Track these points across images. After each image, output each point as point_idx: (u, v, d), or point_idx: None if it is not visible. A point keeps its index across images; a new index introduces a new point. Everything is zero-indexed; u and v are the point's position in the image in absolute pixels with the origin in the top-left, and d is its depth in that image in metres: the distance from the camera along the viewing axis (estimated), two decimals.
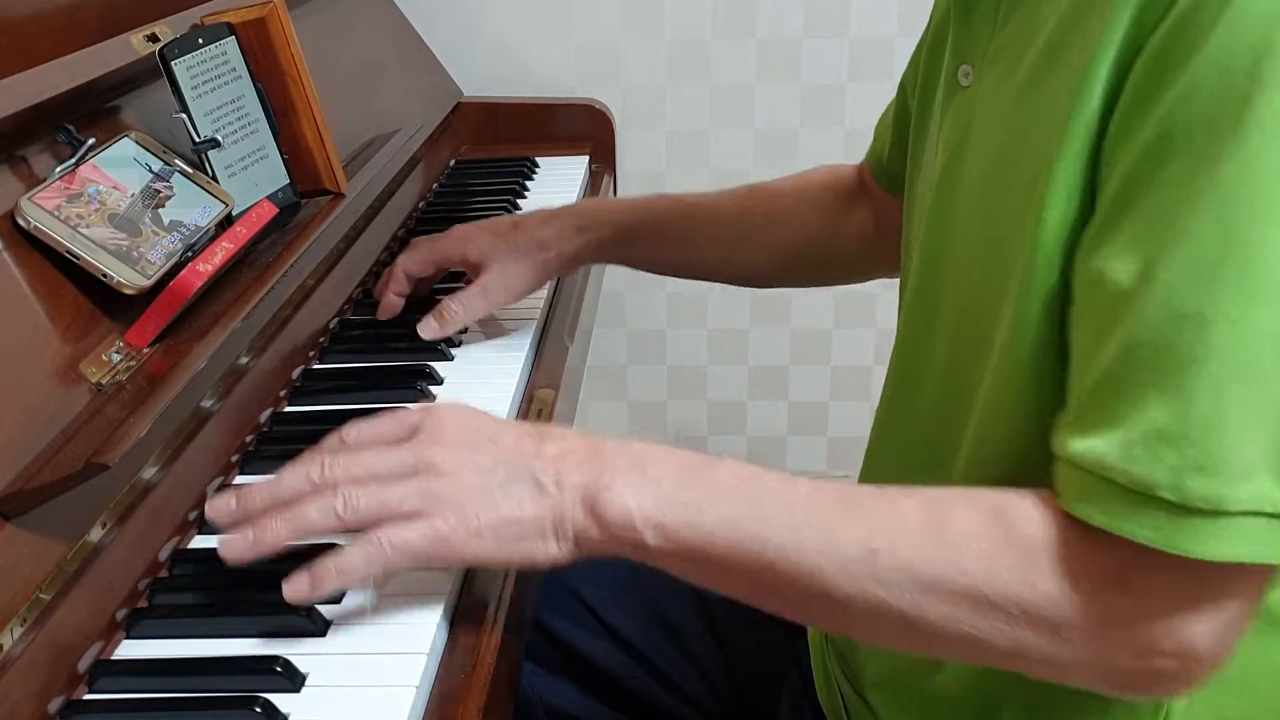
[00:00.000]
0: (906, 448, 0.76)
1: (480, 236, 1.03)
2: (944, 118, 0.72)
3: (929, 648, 0.61)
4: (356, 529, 0.64)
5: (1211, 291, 0.52)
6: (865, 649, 0.79)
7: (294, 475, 0.66)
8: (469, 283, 1.02)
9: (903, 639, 0.61)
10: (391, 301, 1.04)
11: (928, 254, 0.73)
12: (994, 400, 0.64)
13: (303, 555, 0.68)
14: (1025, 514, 0.58)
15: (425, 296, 1.07)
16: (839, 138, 1.78)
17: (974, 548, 0.58)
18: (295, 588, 0.64)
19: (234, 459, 0.84)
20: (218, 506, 0.67)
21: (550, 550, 0.65)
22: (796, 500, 0.62)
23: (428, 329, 0.99)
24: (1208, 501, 0.52)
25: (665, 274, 1.11)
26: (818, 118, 1.77)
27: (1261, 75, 0.51)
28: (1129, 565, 0.55)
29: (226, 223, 0.88)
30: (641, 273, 1.11)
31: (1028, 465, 0.61)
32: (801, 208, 1.06)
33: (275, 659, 0.63)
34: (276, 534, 0.64)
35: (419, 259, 1.05)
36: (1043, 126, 0.59)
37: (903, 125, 0.90)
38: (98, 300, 0.76)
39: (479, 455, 0.65)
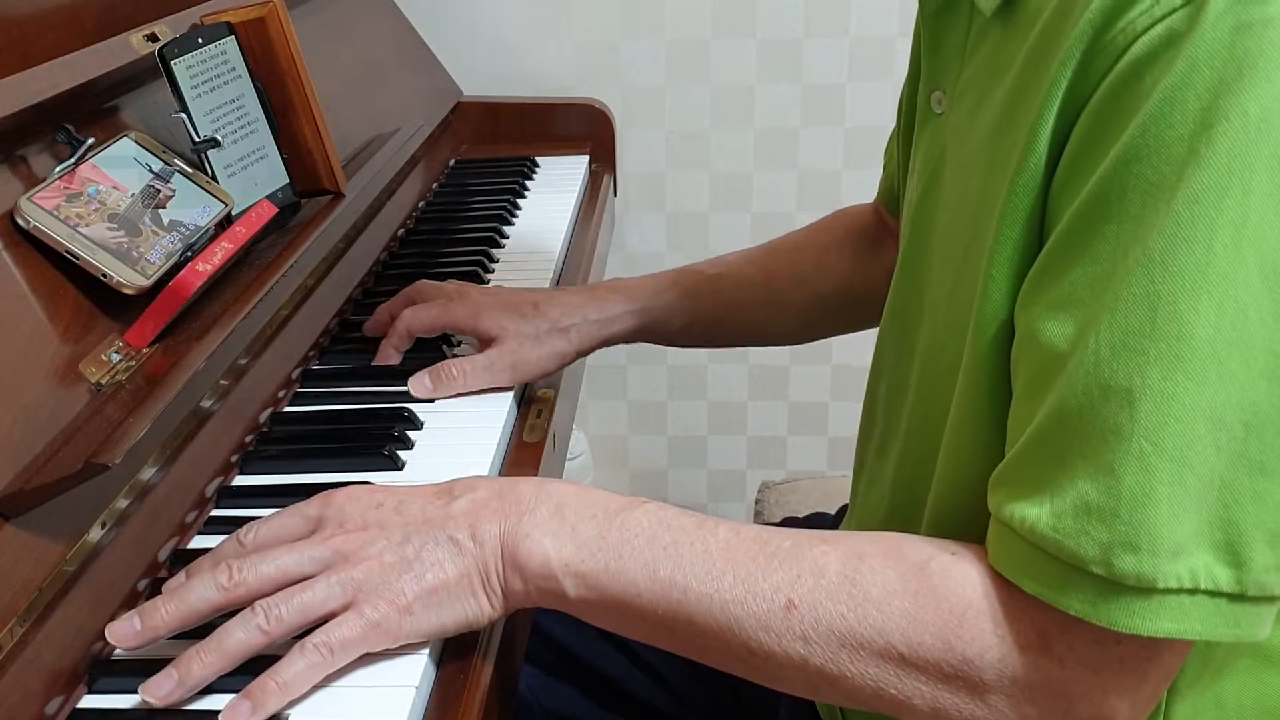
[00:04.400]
0: (886, 492, 0.75)
1: (498, 312, 0.96)
2: (919, 144, 0.72)
3: (855, 704, 0.59)
4: (285, 639, 0.61)
5: (1139, 365, 0.50)
6: None
7: (201, 585, 0.62)
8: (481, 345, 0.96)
9: (826, 695, 0.60)
10: (390, 355, 0.98)
11: (904, 286, 0.71)
12: (954, 447, 0.63)
13: None
14: (952, 573, 0.57)
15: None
16: (839, 137, 1.78)
17: (893, 606, 0.57)
18: (234, 712, 0.58)
19: (233, 459, 0.84)
20: (120, 631, 0.62)
21: (484, 607, 0.63)
22: (715, 547, 0.60)
23: (420, 387, 0.92)
24: (1139, 579, 0.51)
25: (697, 347, 1.08)
26: (818, 118, 1.77)
27: (1198, 149, 0.49)
28: (1055, 630, 0.54)
29: (226, 222, 0.87)
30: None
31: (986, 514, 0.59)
32: (827, 261, 1.03)
33: (274, 659, 0.63)
34: (206, 667, 0.60)
35: (427, 322, 0.97)
36: (1002, 175, 0.58)
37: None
38: (97, 300, 0.75)
39: (388, 532, 0.63)
